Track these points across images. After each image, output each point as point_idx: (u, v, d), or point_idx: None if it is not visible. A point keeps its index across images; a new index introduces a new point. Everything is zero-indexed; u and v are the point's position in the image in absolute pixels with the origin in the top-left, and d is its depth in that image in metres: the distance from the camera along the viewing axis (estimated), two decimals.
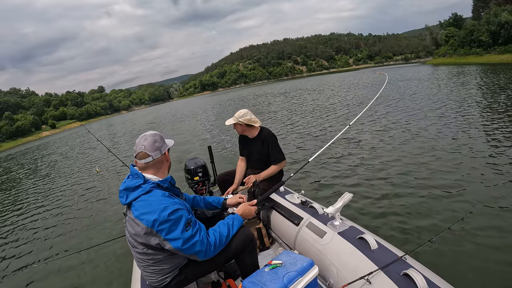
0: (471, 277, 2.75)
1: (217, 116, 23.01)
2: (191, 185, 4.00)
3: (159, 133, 1.96)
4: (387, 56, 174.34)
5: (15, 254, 5.45)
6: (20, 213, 8.07)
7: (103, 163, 12.74)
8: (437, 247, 2.95)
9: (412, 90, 17.10)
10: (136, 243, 1.79)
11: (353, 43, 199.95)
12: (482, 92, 13.08)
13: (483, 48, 43.90)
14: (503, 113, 8.62)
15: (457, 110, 9.83)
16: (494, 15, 43.53)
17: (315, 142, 8.84)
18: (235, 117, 3.30)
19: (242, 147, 3.62)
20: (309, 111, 15.70)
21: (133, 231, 1.76)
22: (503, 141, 6.17)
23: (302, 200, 2.82)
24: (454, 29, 53.07)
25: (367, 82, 30.14)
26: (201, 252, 1.79)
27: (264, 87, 75.74)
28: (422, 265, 1.75)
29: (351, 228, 2.20)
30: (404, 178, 5.05)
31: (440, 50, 56.87)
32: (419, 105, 11.92)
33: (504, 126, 7.23)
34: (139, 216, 1.71)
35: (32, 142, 62.33)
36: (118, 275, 3.91)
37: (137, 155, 1.86)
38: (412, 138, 7.34)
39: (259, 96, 37.53)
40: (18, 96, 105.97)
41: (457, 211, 3.81)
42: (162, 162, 1.92)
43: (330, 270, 2.04)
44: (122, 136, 24.34)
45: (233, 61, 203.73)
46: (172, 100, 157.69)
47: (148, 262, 1.82)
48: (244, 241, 2.04)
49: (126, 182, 1.83)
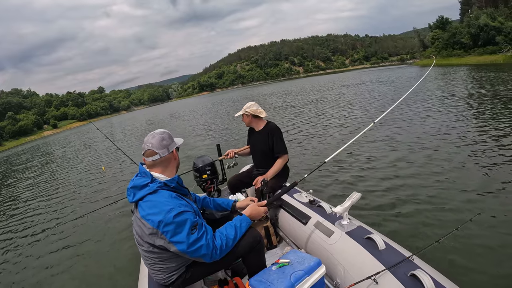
0: (479, 279, 2.70)
1: (223, 114, 22.99)
2: (199, 183, 4.04)
3: (167, 131, 1.97)
4: (383, 57, 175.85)
5: (18, 245, 5.69)
6: (25, 207, 8.39)
7: (106, 161, 13.06)
8: (445, 248, 2.97)
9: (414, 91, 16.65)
10: (142, 242, 1.80)
11: (350, 44, 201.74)
12: (484, 93, 12.68)
13: (464, 50, 45.75)
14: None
15: (460, 111, 9.54)
16: (475, 18, 45.06)
17: (330, 142, 8.68)
18: (243, 108, 3.43)
19: (249, 138, 3.71)
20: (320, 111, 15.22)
21: (139, 230, 1.78)
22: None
23: (310, 199, 2.81)
24: (440, 32, 55.14)
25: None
26: (207, 255, 1.78)
27: (264, 87, 76.86)
28: (430, 266, 1.75)
29: (359, 228, 2.20)
30: (412, 179, 5.01)
31: (426, 52, 59.16)
32: (426, 105, 11.64)
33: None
34: (145, 216, 1.72)
35: (35, 141, 63.60)
36: (125, 273, 3.89)
37: (144, 152, 1.88)
38: (421, 138, 7.18)
39: (270, 95, 36.57)
40: (20, 97, 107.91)
41: (466, 212, 3.77)
42: (170, 160, 1.92)
43: (337, 269, 2.04)
44: (126, 134, 24.68)
45: (231, 62, 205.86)
46: (171, 101, 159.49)
47: (154, 260, 1.83)
48: (252, 243, 2.03)
49: (134, 180, 1.84)
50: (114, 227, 5.49)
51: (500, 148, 5.85)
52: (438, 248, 2.05)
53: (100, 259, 4.49)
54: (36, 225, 6.61)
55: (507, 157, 5.31)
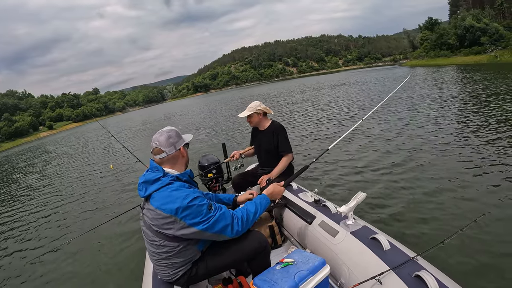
0: (484, 280, 2.70)
1: (228, 114, 23.18)
2: (204, 182, 4.05)
3: (175, 128, 1.98)
4: (376, 57, 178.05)
5: (24, 238, 5.88)
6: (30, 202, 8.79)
7: (110, 160, 13.21)
8: (450, 248, 2.96)
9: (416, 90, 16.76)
10: (152, 235, 1.81)
11: (343, 44, 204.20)
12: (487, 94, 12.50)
13: (451, 51, 47.14)
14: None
15: (468, 115, 9.10)
16: (461, 19, 46.38)
17: (333, 132, 9.49)
18: (251, 107, 3.38)
19: (252, 137, 3.73)
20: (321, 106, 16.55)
21: (152, 222, 1.78)
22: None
23: (315, 199, 2.81)
24: (429, 33, 56.66)
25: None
26: (228, 226, 1.81)
27: (259, 87, 77.66)
28: (434, 267, 1.75)
29: (363, 228, 2.21)
30: (418, 179, 5.01)
31: (415, 52, 60.82)
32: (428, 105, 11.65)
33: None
34: (160, 207, 1.73)
35: (31, 142, 63.74)
36: (128, 272, 3.92)
37: (152, 150, 1.91)
38: (429, 140, 7.07)
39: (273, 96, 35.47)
40: (15, 98, 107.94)
41: (470, 212, 3.76)
42: (177, 157, 1.94)
43: (342, 269, 2.04)
44: (125, 134, 24.60)
45: (225, 63, 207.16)
46: (165, 102, 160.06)
47: (161, 256, 1.83)
48: (258, 249, 2.05)
49: (146, 175, 1.86)
50: (119, 226, 5.45)
51: (507, 147, 5.77)
52: (443, 248, 2.02)
53: (103, 258, 4.50)
54: (36, 225, 6.66)
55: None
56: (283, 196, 3.07)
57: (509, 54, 34.11)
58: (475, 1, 54.30)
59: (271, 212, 3.19)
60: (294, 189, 3.15)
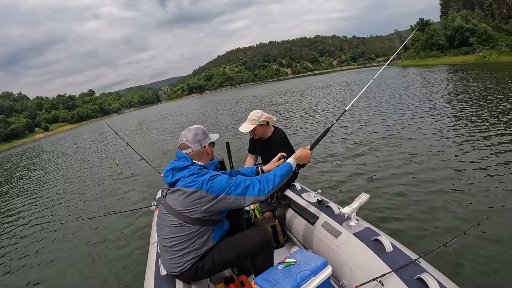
0: (486, 284, 2.69)
1: (230, 113, 23.00)
2: None
3: (202, 127, 2.11)
4: (370, 57, 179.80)
5: (27, 235, 6.03)
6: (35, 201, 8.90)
7: (113, 158, 13.37)
8: (452, 251, 2.79)
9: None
10: (174, 218, 1.87)
11: (337, 45, 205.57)
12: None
13: (441, 51, 48.11)
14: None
15: (474, 114, 8.99)
16: (451, 20, 47.18)
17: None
18: (254, 120, 3.20)
19: (254, 146, 3.58)
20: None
21: (177, 203, 1.86)
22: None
23: (319, 199, 2.80)
24: (420, 33, 57.44)
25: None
26: (249, 186, 1.88)
27: (254, 88, 77.62)
28: (436, 270, 1.75)
29: (366, 229, 2.20)
30: (421, 181, 4.97)
31: (406, 53, 61.92)
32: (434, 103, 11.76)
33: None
34: (186, 185, 1.83)
35: (27, 144, 63.35)
36: (130, 268, 3.99)
37: (179, 145, 2.03)
38: (432, 141, 7.03)
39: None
40: (11, 100, 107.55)
41: (473, 216, 3.74)
42: (202, 154, 2.05)
43: (344, 270, 2.05)
44: (126, 134, 24.57)
45: (220, 63, 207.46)
46: (161, 103, 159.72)
47: (178, 240, 1.87)
48: (262, 243, 2.09)
49: (174, 163, 1.94)
50: (122, 223, 5.55)
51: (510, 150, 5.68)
52: (445, 251, 2.03)
53: (105, 255, 4.56)
54: (37, 223, 6.81)
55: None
56: (286, 196, 3.11)
57: (497, 54, 35.01)
58: (465, 2, 55.21)
59: (274, 212, 3.20)
60: (297, 189, 3.16)
